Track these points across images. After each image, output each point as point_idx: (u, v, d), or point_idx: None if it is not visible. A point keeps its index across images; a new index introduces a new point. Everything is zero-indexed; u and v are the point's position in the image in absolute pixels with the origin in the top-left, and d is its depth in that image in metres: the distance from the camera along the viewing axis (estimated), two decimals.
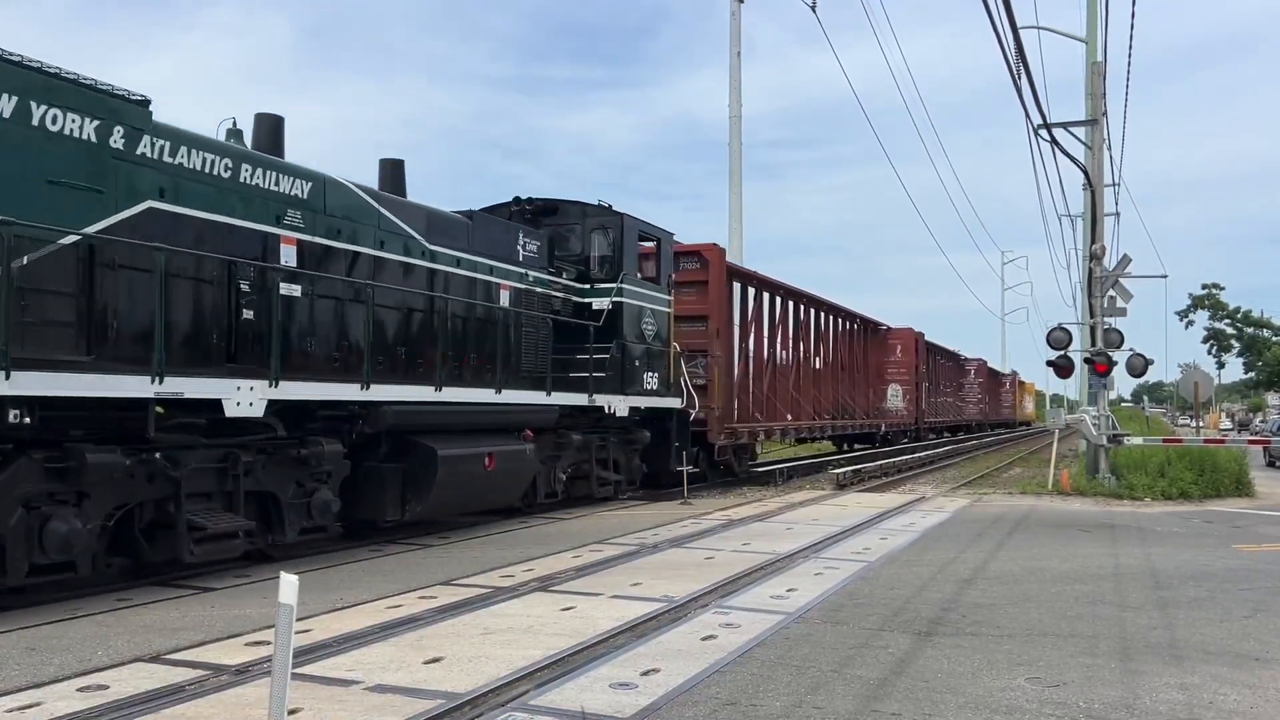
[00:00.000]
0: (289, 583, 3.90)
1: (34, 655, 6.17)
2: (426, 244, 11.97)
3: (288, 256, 9.85)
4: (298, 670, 5.45)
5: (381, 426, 10.67)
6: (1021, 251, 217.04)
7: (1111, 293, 19.89)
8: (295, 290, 9.89)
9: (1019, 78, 15.10)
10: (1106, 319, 19.80)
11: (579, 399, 14.37)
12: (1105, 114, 22.15)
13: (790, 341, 26.25)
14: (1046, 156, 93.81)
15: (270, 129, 10.46)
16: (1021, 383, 77.54)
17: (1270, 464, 30.56)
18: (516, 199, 15.69)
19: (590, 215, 15.89)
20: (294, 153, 11.05)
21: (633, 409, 15.80)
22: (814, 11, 26.06)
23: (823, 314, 29.55)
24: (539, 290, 14.16)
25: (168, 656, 6.16)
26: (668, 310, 17.22)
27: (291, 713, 4.83)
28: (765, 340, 24.28)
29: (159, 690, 5.43)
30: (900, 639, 6.74)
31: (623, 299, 15.49)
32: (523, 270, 13.78)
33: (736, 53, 35.28)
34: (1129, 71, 30.59)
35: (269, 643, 5.26)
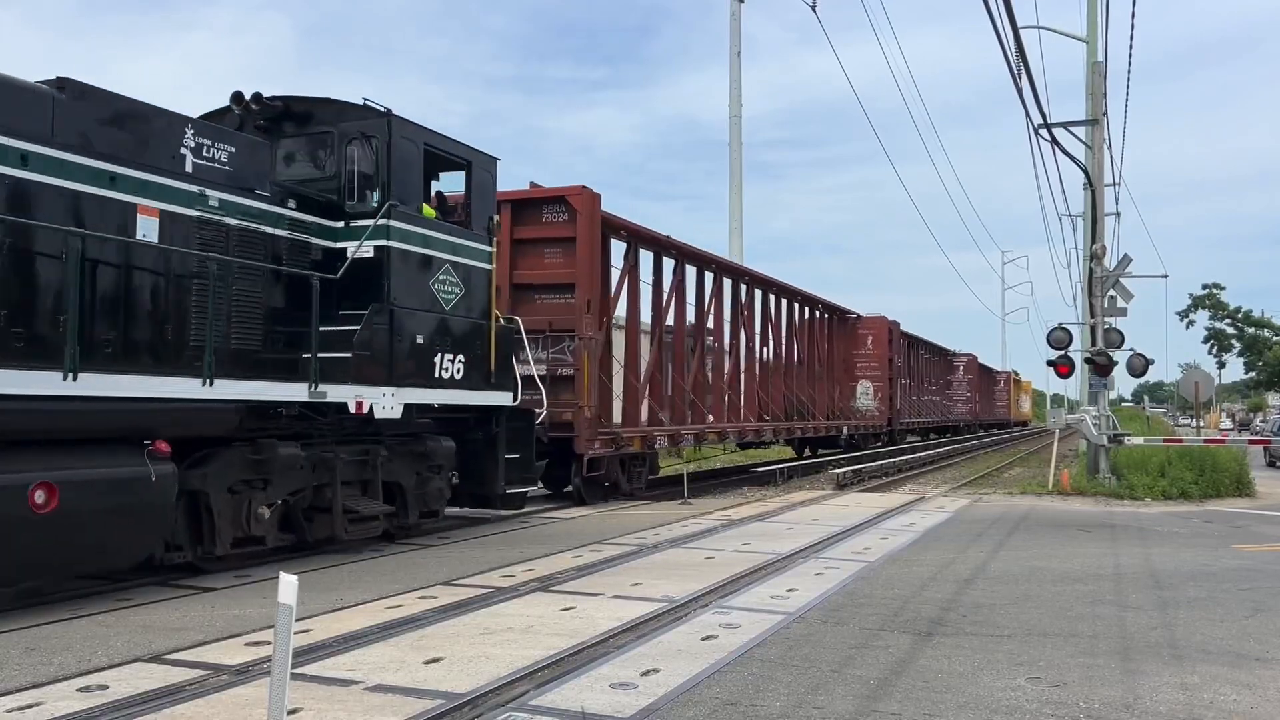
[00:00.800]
0: (289, 583, 3.90)
1: (34, 655, 6.17)
2: None
3: None
4: (298, 670, 5.46)
5: None
6: (1022, 251, 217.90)
7: (1112, 293, 19.90)
8: None
9: (1019, 77, 15.12)
10: (1107, 319, 19.80)
11: (288, 390, 9.29)
12: (1105, 114, 22.16)
13: (728, 328, 22.44)
14: (1047, 156, 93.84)
15: None
16: (1018, 380, 75.56)
17: (1270, 464, 30.57)
18: (238, 95, 10.59)
19: (347, 118, 10.65)
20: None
21: (413, 406, 10.77)
22: (814, 11, 26.10)
23: (773, 297, 25.55)
24: (228, 221, 9.16)
25: (168, 656, 6.16)
26: (486, 268, 12.04)
27: (291, 713, 4.83)
28: (688, 324, 20.29)
29: (159, 690, 5.43)
30: (900, 639, 6.74)
31: (391, 242, 10.35)
32: (194, 188, 8.86)
33: (737, 53, 35.35)
34: (1129, 71, 30.61)
35: (269, 643, 5.26)
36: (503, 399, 12.34)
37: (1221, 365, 74.97)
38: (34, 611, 7.42)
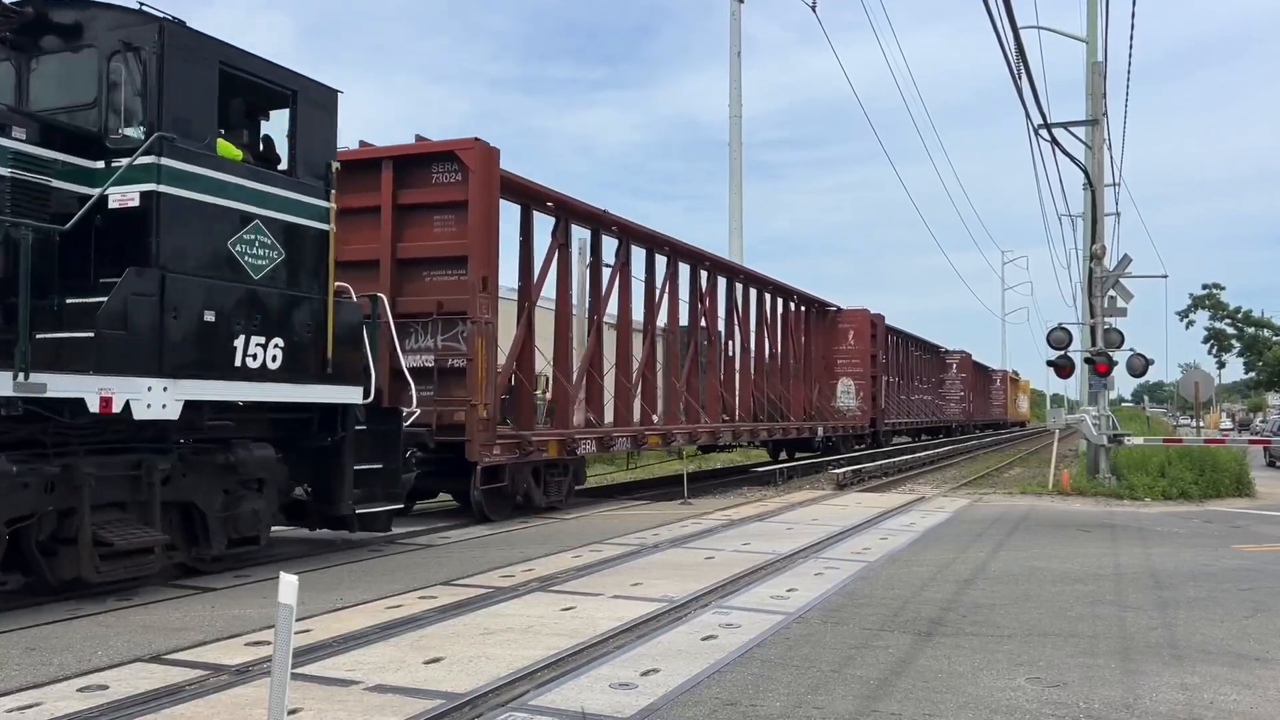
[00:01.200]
0: (289, 583, 3.90)
1: (34, 655, 6.17)
2: None
3: None
4: (298, 670, 5.46)
5: None
6: (1022, 251, 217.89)
7: (1112, 293, 19.91)
8: None
9: (1019, 78, 15.13)
10: (1107, 319, 19.81)
11: None
12: (1105, 114, 22.17)
13: (686, 319, 20.88)
14: (1047, 156, 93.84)
15: None
16: (1015, 380, 74.38)
17: (1270, 464, 30.59)
18: None
19: (110, 28, 8.35)
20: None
21: (204, 404, 8.43)
22: (814, 11, 26.09)
23: (740, 286, 23.73)
24: None
25: (168, 656, 6.16)
26: (321, 228, 9.56)
27: (291, 713, 4.83)
28: (633, 313, 18.50)
29: (159, 690, 5.43)
30: (900, 639, 6.74)
31: (162, 186, 8.10)
32: None
33: (737, 52, 35.36)
34: (1129, 71, 30.63)
35: (269, 643, 5.26)
36: (347, 395, 9.77)
37: (1221, 365, 75.02)
38: (34, 611, 7.42)
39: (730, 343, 23.34)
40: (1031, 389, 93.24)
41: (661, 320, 19.62)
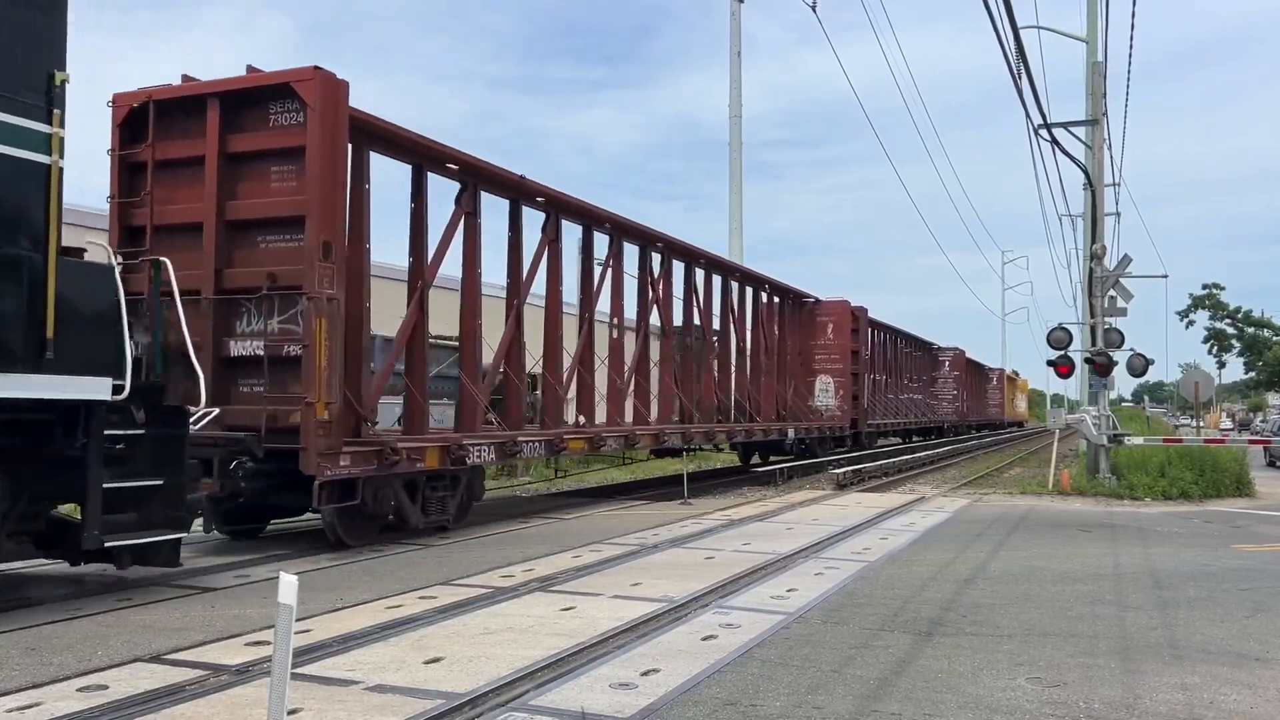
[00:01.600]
0: (289, 583, 3.90)
1: (34, 655, 6.17)
2: None
3: None
4: (298, 670, 5.46)
5: None
6: (1022, 251, 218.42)
7: (1112, 293, 19.92)
8: None
9: (1019, 78, 15.14)
10: (1107, 319, 19.82)
11: None
12: (1105, 114, 22.18)
13: (636, 308, 18.48)
14: (1047, 156, 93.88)
15: None
16: (1012, 378, 72.89)
17: (1270, 464, 30.60)
18: None
19: None
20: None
21: None
22: (814, 11, 26.08)
23: (700, 271, 20.81)
24: None
25: (168, 656, 6.16)
26: (36, 161, 7.10)
27: (291, 713, 4.83)
28: (564, 296, 15.63)
29: (159, 690, 5.43)
30: (900, 639, 6.74)
31: None
32: None
33: (736, 53, 35.35)
34: (1129, 71, 30.65)
35: (269, 643, 5.26)
36: (81, 389, 7.31)
37: (1221, 365, 75.14)
38: (34, 611, 7.42)
39: (688, 337, 20.71)
40: (1030, 389, 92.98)
41: (603, 307, 17.27)
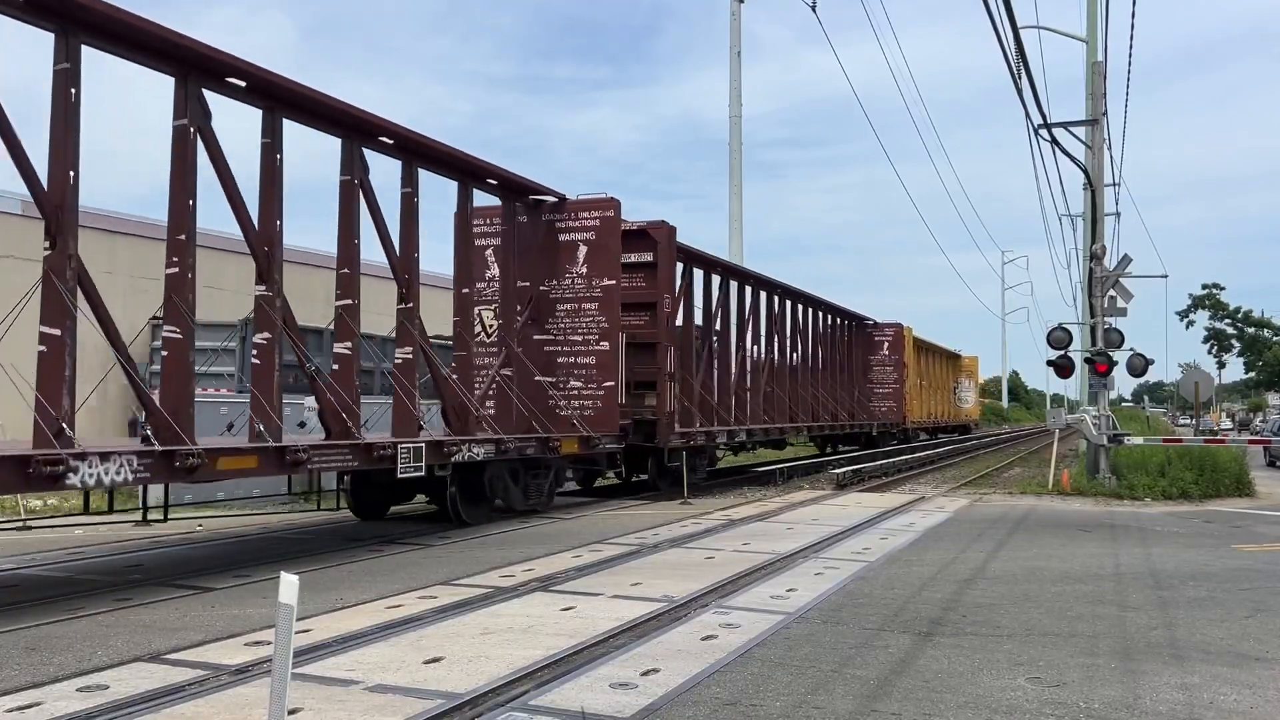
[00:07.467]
0: (289, 583, 3.90)
1: (34, 655, 6.17)
2: None
3: None
4: (298, 670, 5.46)
5: None
6: (1022, 251, 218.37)
7: (1112, 293, 19.90)
8: None
9: (1019, 77, 15.13)
10: (1107, 319, 19.81)
11: None
12: (1105, 114, 22.17)
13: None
14: (1047, 156, 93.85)
15: None
16: (954, 357, 48.14)
17: (1270, 464, 30.57)
18: None
19: None
20: (292, 153, 10.84)
21: None
22: (814, 11, 26.08)
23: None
24: None
25: (168, 656, 6.16)
26: None
27: (291, 713, 4.83)
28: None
29: (159, 690, 5.43)
30: (900, 639, 6.74)
31: None
32: None
33: (737, 52, 35.35)
34: (1129, 71, 30.62)
35: (269, 643, 5.26)
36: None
37: (1221, 365, 75.12)
38: (34, 611, 7.42)
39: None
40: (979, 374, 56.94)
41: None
